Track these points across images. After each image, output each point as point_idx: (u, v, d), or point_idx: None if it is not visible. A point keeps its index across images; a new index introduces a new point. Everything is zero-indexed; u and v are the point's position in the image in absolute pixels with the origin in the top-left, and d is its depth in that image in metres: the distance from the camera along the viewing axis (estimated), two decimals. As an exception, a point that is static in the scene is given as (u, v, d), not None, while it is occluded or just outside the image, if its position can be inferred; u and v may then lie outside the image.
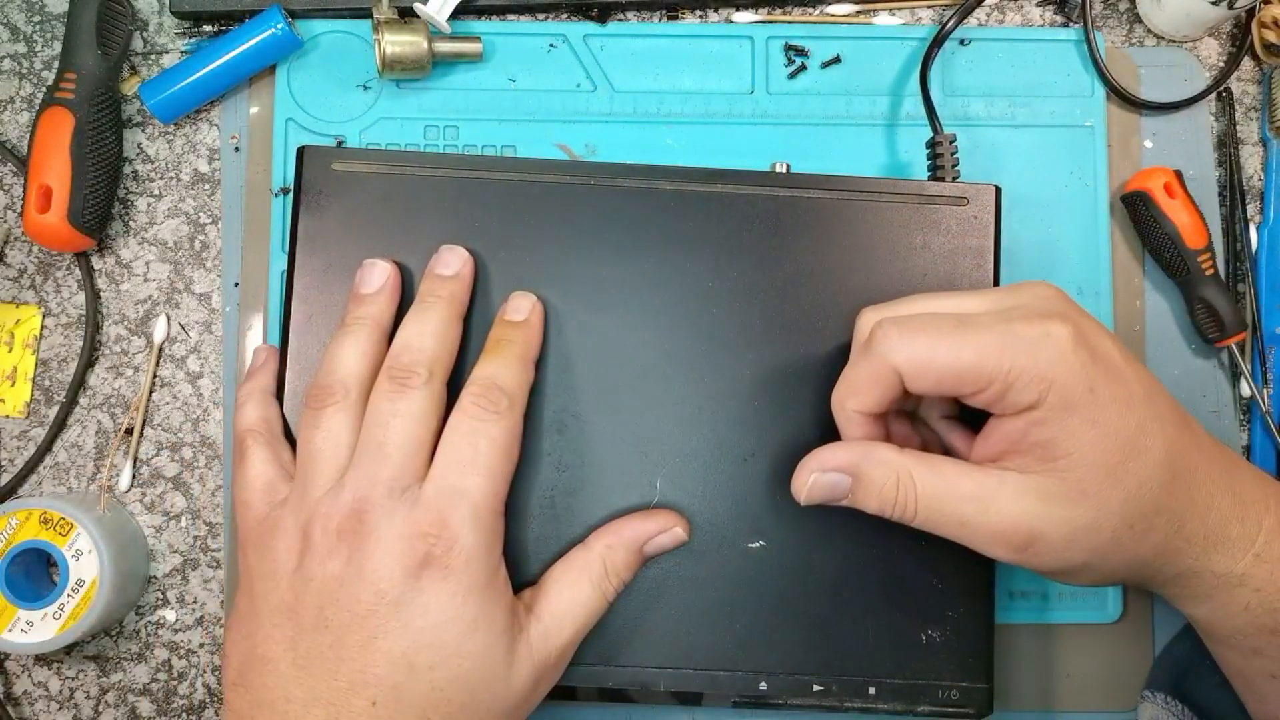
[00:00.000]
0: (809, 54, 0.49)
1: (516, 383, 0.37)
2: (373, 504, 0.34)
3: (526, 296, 0.39)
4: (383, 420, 0.35)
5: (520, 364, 0.37)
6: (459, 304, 0.38)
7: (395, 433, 0.35)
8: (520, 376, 0.37)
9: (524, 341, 0.38)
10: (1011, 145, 0.48)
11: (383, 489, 0.34)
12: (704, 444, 0.39)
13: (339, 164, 0.40)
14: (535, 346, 0.39)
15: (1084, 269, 0.47)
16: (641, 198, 0.40)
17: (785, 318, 0.40)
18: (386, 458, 0.35)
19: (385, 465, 0.35)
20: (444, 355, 0.37)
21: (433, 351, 0.37)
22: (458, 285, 0.39)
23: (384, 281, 0.38)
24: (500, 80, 0.48)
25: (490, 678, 0.34)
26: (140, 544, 0.46)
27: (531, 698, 0.36)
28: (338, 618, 0.33)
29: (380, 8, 0.46)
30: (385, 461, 0.35)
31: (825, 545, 0.39)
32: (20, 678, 0.46)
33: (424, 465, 0.35)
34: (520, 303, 0.39)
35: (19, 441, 0.47)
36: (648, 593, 0.39)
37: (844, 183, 0.41)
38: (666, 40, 0.49)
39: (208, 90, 0.47)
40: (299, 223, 0.40)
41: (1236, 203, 0.49)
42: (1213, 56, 0.51)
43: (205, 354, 0.47)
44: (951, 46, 0.49)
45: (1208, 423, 0.48)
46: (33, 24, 0.49)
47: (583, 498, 0.39)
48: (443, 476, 0.35)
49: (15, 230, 0.48)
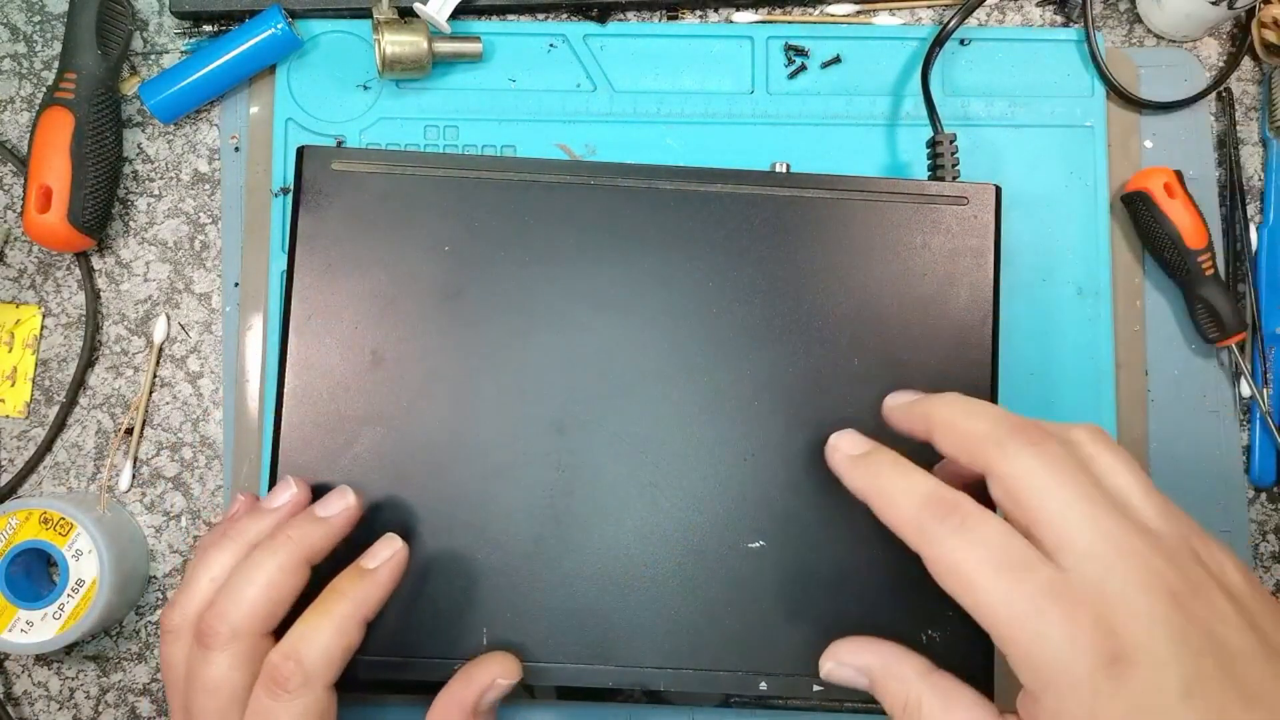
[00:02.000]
0: (809, 54, 0.49)
1: (325, 654, 0.33)
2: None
3: (391, 542, 0.36)
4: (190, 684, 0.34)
5: (339, 630, 0.34)
6: (310, 551, 0.35)
7: (195, 703, 0.34)
8: (334, 646, 0.33)
9: (359, 599, 0.34)
10: (1011, 145, 0.48)
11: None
12: (704, 444, 0.39)
13: (339, 164, 0.40)
14: (375, 602, 0.35)
15: (1084, 269, 0.47)
16: (641, 198, 0.40)
17: (785, 317, 0.40)
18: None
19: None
20: (261, 609, 0.34)
21: (246, 607, 0.34)
22: (319, 531, 0.35)
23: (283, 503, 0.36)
24: (500, 80, 0.48)
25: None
26: (140, 544, 0.46)
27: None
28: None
29: (380, 8, 0.46)
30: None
31: (825, 546, 0.39)
32: (20, 678, 0.46)
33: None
34: (378, 548, 0.36)
35: (19, 441, 0.47)
36: (647, 592, 0.39)
37: (844, 182, 0.41)
38: (666, 40, 0.49)
39: (208, 90, 0.47)
40: (299, 222, 0.40)
41: (1236, 203, 0.49)
42: (1213, 56, 0.51)
43: (205, 354, 0.47)
44: (952, 46, 0.49)
45: (1208, 422, 0.48)
46: (33, 24, 0.49)
47: (582, 497, 0.39)
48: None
49: (15, 230, 0.48)
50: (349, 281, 0.39)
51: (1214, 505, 0.47)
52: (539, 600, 0.38)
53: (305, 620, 0.34)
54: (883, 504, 0.32)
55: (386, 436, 0.39)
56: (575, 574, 0.38)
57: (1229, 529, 0.47)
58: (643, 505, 0.39)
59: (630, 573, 0.39)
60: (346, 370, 0.39)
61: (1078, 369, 0.47)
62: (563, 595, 0.38)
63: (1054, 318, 0.47)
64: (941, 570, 0.30)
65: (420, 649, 0.37)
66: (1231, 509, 0.47)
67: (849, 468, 0.35)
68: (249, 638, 0.34)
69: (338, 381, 0.39)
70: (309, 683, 0.33)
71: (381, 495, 0.38)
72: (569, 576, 0.38)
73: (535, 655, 0.38)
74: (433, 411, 0.39)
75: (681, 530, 0.39)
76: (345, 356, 0.39)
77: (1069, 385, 0.47)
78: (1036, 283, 0.47)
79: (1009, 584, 0.28)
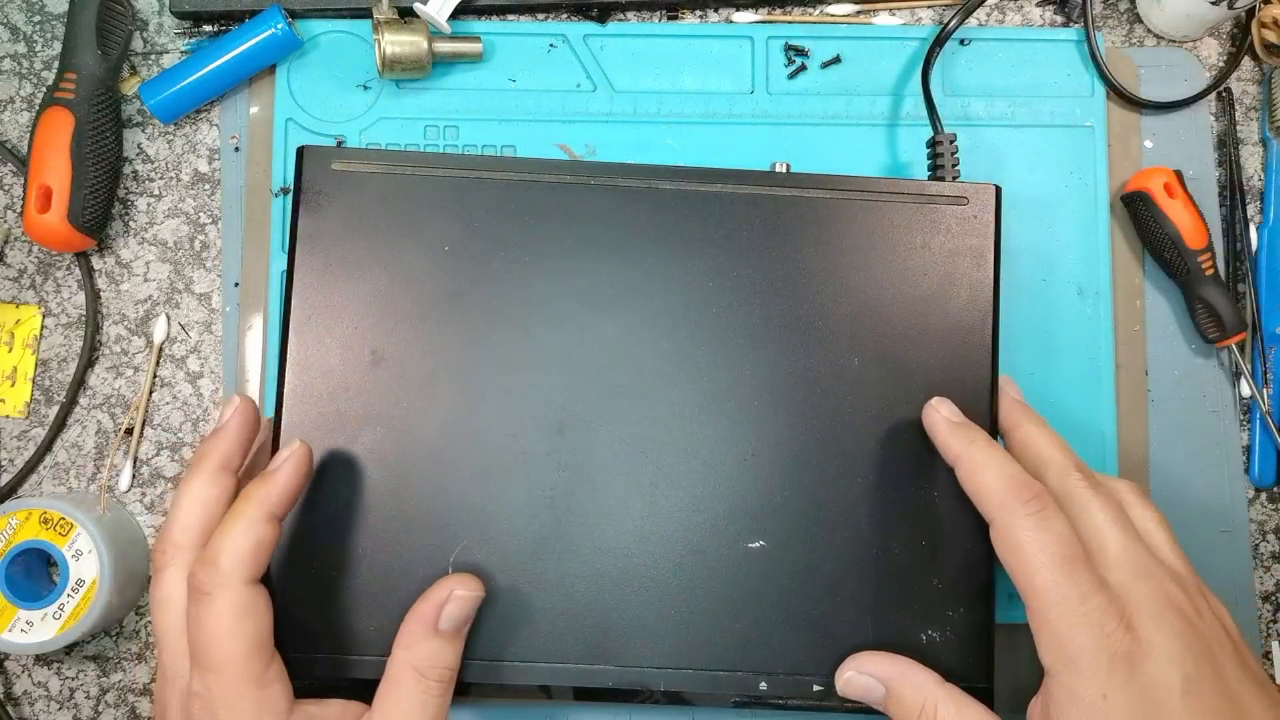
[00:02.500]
0: (809, 54, 0.49)
1: (235, 550, 0.34)
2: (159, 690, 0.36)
3: (290, 445, 0.37)
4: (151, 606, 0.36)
5: (245, 527, 0.35)
6: (219, 458, 0.37)
7: (156, 621, 0.36)
8: (243, 542, 0.34)
9: (261, 497, 0.35)
10: (1011, 145, 0.48)
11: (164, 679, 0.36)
12: (704, 443, 0.39)
13: (339, 164, 0.40)
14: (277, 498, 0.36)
15: (1084, 269, 0.47)
16: (641, 198, 0.40)
17: (785, 317, 0.40)
18: (159, 642, 0.36)
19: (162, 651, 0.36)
20: (192, 522, 0.36)
21: (179, 523, 0.36)
22: (219, 439, 0.38)
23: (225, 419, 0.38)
24: (500, 80, 0.48)
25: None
26: (140, 544, 0.46)
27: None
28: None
29: (380, 8, 0.46)
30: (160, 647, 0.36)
31: (826, 545, 0.39)
32: (20, 678, 0.46)
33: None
34: (280, 452, 0.37)
35: (19, 441, 0.47)
36: (647, 591, 0.39)
37: (844, 182, 0.41)
38: (666, 40, 0.49)
39: (208, 90, 0.47)
40: (299, 222, 0.40)
41: (1236, 203, 0.49)
42: (1213, 56, 0.51)
43: (205, 354, 0.47)
44: (952, 46, 0.49)
45: (1208, 422, 0.48)
46: (33, 24, 0.49)
47: (582, 497, 0.39)
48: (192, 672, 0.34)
49: (15, 230, 0.48)
50: (349, 281, 0.39)
51: (1214, 505, 0.47)
52: (539, 600, 0.38)
53: (217, 529, 0.35)
54: (971, 469, 0.36)
55: (387, 436, 0.39)
56: (575, 574, 0.38)
57: (1229, 529, 0.47)
58: (643, 505, 0.39)
59: (631, 572, 0.39)
60: (347, 370, 0.39)
61: (1078, 369, 0.47)
62: (563, 595, 0.38)
63: (1054, 318, 0.47)
64: (1007, 544, 0.34)
65: None
66: (1231, 509, 0.47)
67: (947, 431, 0.37)
68: (188, 550, 0.36)
69: (338, 381, 0.39)
70: (226, 580, 0.34)
71: (381, 495, 0.38)
72: (569, 576, 0.38)
73: (536, 655, 0.38)
74: (433, 411, 0.39)
75: (682, 530, 0.39)
76: (345, 356, 0.39)
77: (1069, 385, 0.47)
78: (1036, 283, 0.47)
79: (1065, 574, 0.33)
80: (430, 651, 0.35)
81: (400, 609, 0.37)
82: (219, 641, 0.34)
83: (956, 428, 0.37)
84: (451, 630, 0.36)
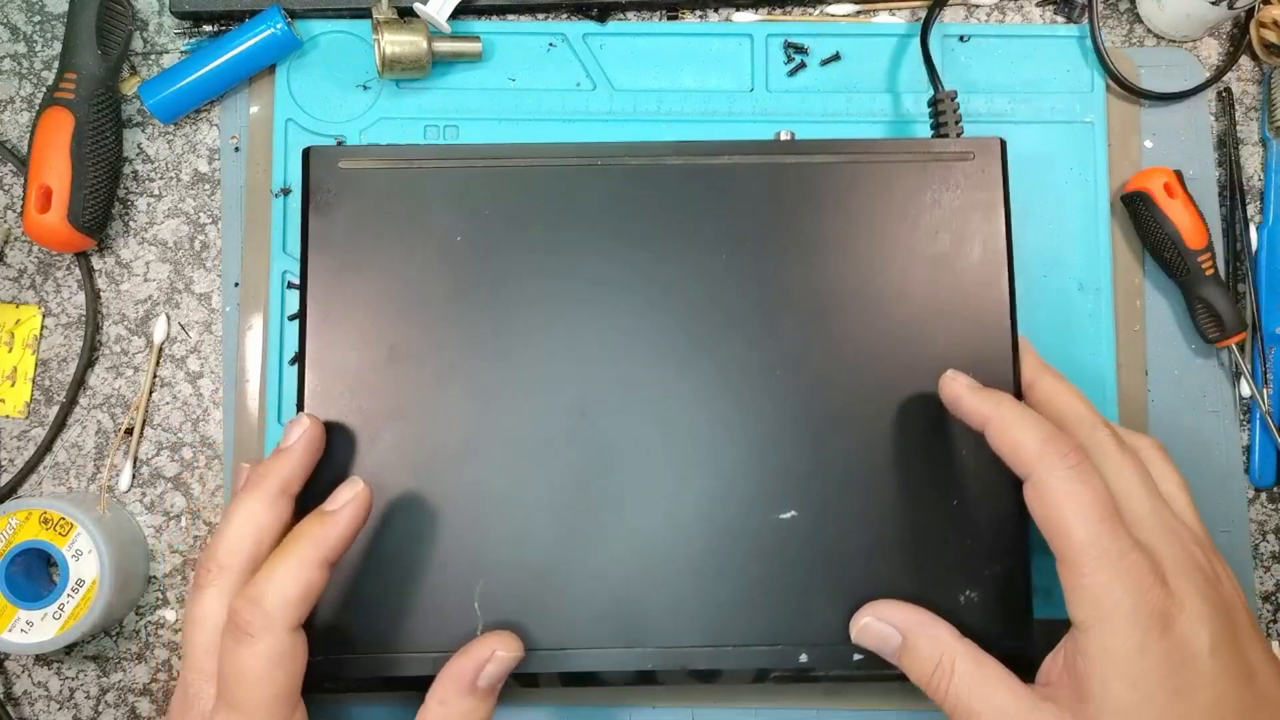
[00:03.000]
0: (808, 51, 0.49)
1: (283, 597, 0.33)
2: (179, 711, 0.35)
3: (353, 485, 0.36)
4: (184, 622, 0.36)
5: (297, 571, 0.34)
6: (280, 481, 0.36)
7: (186, 638, 0.35)
8: (292, 588, 0.34)
9: (317, 539, 0.35)
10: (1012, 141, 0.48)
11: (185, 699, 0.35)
12: (727, 417, 0.39)
13: (345, 162, 0.40)
14: (334, 542, 0.35)
15: (1084, 268, 0.47)
16: (649, 175, 0.40)
17: (800, 286, 0.40)
18: (185, 660, 0.35)
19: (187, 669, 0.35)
20: (245, 544, 0.35)
21: (228, 543, 0.35)
22: (283, 462, 0.37)
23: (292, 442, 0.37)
24: (500, 79, 0.48)
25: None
26: (140, 544, 0.46)
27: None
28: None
29: (380, 8, 0.46)
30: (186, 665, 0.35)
31: (856, 512, 0.38)
32: (20, 678, 0.46)
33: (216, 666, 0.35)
34: (341, 491, 0.36)
35: (19, 441, 0.47)
36: (680, 571, 0.38)
37: (849, 146, 0.41)
38: (666, 38, 0.49)
39: (208, 90, 0.47)
40: (309, 224, 0.40)
41: (1236, 203, 0.49)
42: (1213, 57, 0.51)
43: (205, 354, 0.47)
44: (951, 43, 0.49)
45: (1207, 422, 0.48)
46: (33, 24, 0.49)
47: (609, 480, 0.38)
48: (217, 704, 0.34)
49: (15, 230, 0.48)
50: (362, 279, 0.39)
51: (1214, 505, 0.47)
52: (572, 587, 0.38)
53: (266, 563, 0.34)
54: (1003, 428, 0.35)
55: (409, 431, 0.38)
56: (607, 558, 0.38)
57: (1229, 529, 0.47)
58: (670, 484, 0.39)
59: (662, 553, 0.38)
60: (365, 367, 0.39)
61: (1078, 368, 0.47)
62: (595, 580, 0.38)
63: (1054, 316, 0.47)
64: (1044, 499, 0.33)
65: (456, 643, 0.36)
66: (1231, 509, 0.47)
67: (970, 395, 0.36)
68: (234, 573, 0.35)
69: (357, 378, 0.39)
70: (269, 626, 0.33)
71: (407, 490, 0.38)
72: (600, 561, 0.38)
73: (571, 643, 0.38)
74: (454, 403, 0.39)
75: (711, 506, 0.38)
76: (363, 354, 0.39)
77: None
78: (1038, 278, 0.47)
79: (1106, 529, 0.32)
80: (465, 710, 0.35)
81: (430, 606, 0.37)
82: (250, 685, 0.33)
83: (980, 392, 0.36)
84: (488, 689, 0.36)
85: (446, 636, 0.37)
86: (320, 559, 0.34)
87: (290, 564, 0.34)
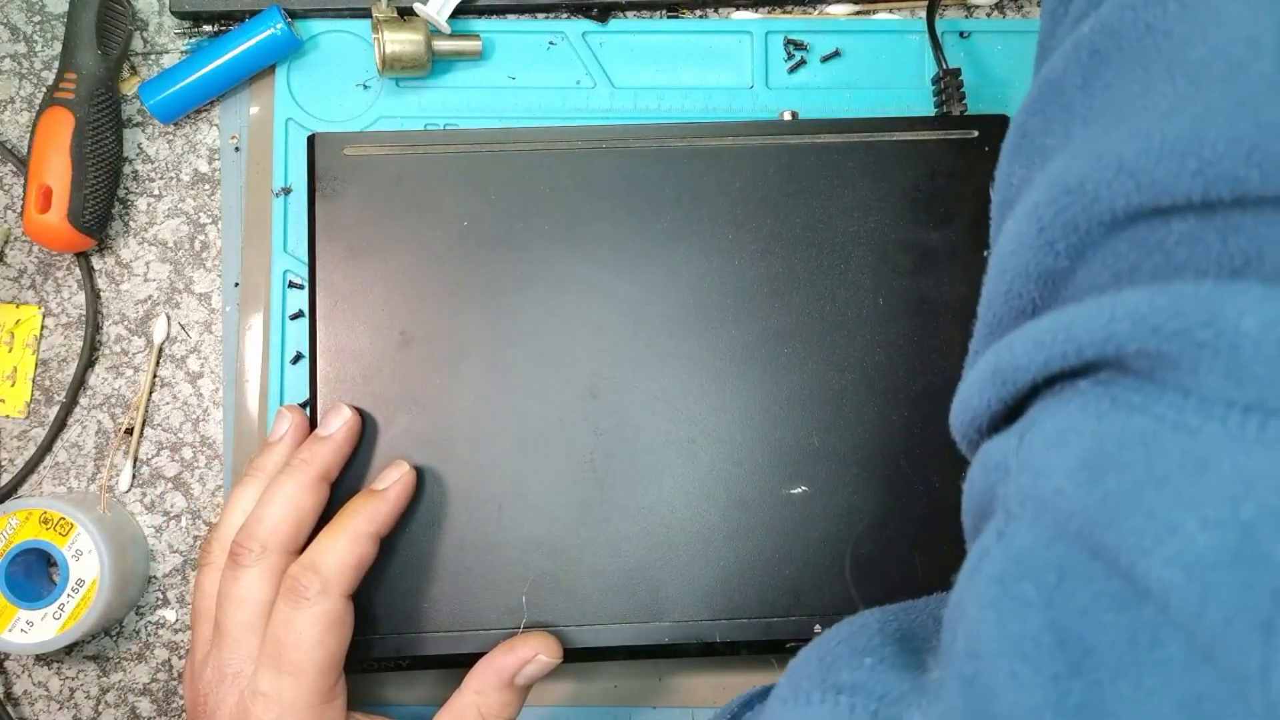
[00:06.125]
0: (808, 48, 0.49)
1: (340, 563, 0.36)
2: (212, 688, 0.36)
3: (399, 466, 0.38)
4: (220, 601, 0.36)
5: (352, 542, 0.36)
6: (322, 467, 0.38)
7: (226, 616, 0.36)
8: (348, 556, 0.36)
9: (370, 514, 0.37)
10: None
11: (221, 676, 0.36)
12: (737, 394, 0.39)
13: (351, 149, 0.40)
14: (385, 518, 0.37)
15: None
16: (654, 157, 0.40)
17: (807, 263, 0.40)
18: (223, 639, 0.36)
19: (223, 648, 0.36)
20: (285, 526, 0.37)
21: (270, 524, 0.36)
22: (326, 449, 0.38)
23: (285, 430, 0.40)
24: (500, 78, 0.48)
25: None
26: (140, 544, 0.46)
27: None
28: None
29: (380, 7, 0.46)
30: (222, 644, 0.36)
31: (867, 485, 0.39)
32: (20, 678, 0.46)
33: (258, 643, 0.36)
34: (388, 472, 0.38)
35: (19, 441, 0.47)
36: (694, 546, 0.39)
37: (852, 124, 0.41)
38: (665, 36, 0.49)
39: (208, 90, 0.47)
40: (316, 211, 0.40)
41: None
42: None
43: (205, 354, 0.47)
44: (952, 40, 0.49)
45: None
46: (33, 24, 0.49)
47: (622, 459, 0.39)
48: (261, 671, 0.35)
49: (15, 230, 0.48)
50: (371, 265, 0.40)
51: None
52: (587, 564, 0.38)
53: (322, 536, 0.36)
54: None
55: (423, 414, 0.39)
56: (621, 535, 0.39)
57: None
58: (682, 461, 0.39)
59: (676, 529, 0.39)
60: (377, 353, 0.39)
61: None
62: (611, 556, 0.38)
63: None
64: None
65: (473, 622, 0.38)
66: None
67: None
68: (275, 553, 0.36)
69: (369, 364, 0.39)
70: (326, 590, 0.35)
71: (423, 472, 0.39)
72: (615, 538, 0.38)
73: (588, 619, 0.38)
74: (466, 386, 0.39)
75: (723, 482, 0.39)
76: (375, 339, 0.39)
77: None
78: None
79: None
80: (500, 702, 0.36)
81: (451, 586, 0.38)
82: (306, 648, 0.34)
83: None
84: (524, 686, 0.37)
85: (462, 618, 0.38)
86: (372, 533, 0.37)
87: (346, 536, 0.36)
